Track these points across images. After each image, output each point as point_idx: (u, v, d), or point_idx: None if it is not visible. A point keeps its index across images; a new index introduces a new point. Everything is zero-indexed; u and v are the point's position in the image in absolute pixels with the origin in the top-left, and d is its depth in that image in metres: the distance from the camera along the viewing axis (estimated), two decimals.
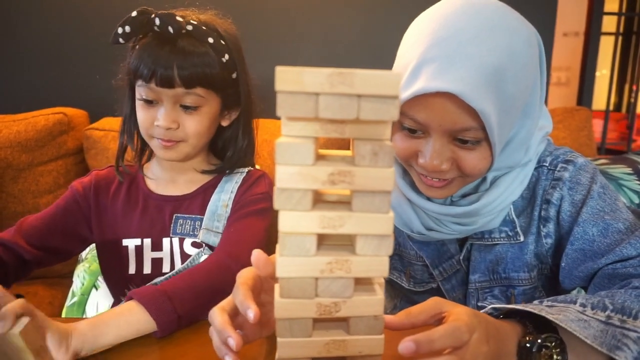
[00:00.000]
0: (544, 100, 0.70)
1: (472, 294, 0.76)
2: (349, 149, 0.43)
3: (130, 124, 0.86)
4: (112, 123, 1.39)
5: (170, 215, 0.86)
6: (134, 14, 0.76)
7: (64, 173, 1.39)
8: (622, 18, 2.05)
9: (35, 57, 1.56)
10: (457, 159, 0.64)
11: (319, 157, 0.39)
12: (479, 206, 0.68)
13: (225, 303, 0.51)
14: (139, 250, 0.86)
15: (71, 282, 1.23)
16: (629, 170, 1.30)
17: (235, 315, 0.50)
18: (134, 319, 0.62)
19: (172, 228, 0.86)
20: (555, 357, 0.50)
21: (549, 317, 0.51)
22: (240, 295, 0.47)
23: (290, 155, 0.37)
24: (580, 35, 2.02)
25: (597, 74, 1.90)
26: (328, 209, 0.39)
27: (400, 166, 0.73)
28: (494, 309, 0.55)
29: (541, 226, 0.72)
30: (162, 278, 0.80)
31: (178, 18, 0.77)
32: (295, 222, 0.38)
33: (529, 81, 0.64)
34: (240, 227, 0.81)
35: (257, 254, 0.48)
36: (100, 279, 1.18)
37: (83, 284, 1.20)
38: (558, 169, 0.71)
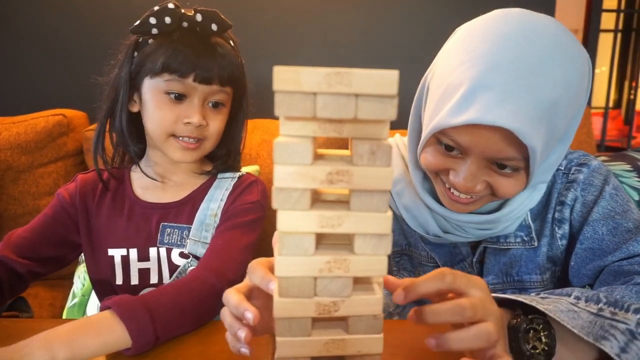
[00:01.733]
0: (577, 125, 0.67)
1: None
2: (348, 148, 0.42)
3: (124, 122, 0.82)
4: None
5: (157, 223, 0.83)
6: (171, 5, 0.76)
7: (64, 175, 1.39)
8: (621, 15, 2.05)
9: (34, 58, 1.56)
10: (492, 182, 0.62)
11: (317, 157, 0.39)
12: (500, 215, 0.69)
13: (241, 286, 0.51)
14: (125, 260, 0.83)
15: (72, 283, 1.23)
16: (628, 167, 1.30)
17: (248, 299, 0.49)
18: (111, 339, 0.57)
19: (158, 237, 0.83)
20: (543, 339, 0.50)
21: (539, 307, 0.51)
22: (261, 272, 0.46)
23: (289, 155, 0.37)
24: (579, 32, 2.01)
25: (597, 71, 1.90)
26: (326, 208, 0.39)
27: (421, 171, 0.72)
28: None
29: (556, 228, 0.72)
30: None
31: (222, 16, 0.78)
32: (293, 221, 0.38)
33: (576, 111, 0.62)
34: (227, 239, 0.78)
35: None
36: None
37: (83, 285, 1.20)
38: (572, 171, 0.72)
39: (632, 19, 3.20)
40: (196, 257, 0.81)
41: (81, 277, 1.21)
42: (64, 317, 1.20)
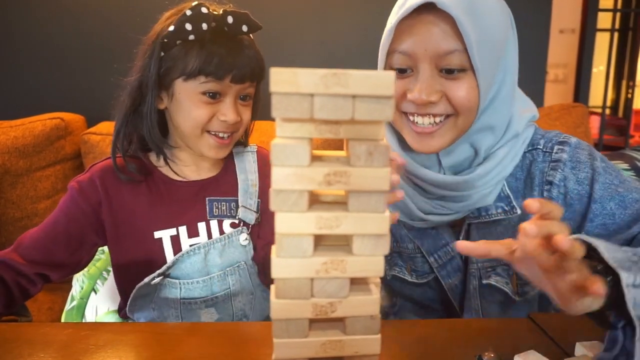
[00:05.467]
0: (517, 69, 0.73)
1: (474, 274, 0.77)
2: (343, 149, 0.43)
3: (154, 120, 0.81)
4: (110, 127, 1.38)
5: (202, 199, 0.86)
6: (204, 10, 0.76)
7: (62, 178, 1.39)
8: (618, 14, 2.06)
9: (32, 62, 1.56)
10: (446, 92, 0.67)
11: (315, 158, 0.40)
12: (475, 176, 0.71)
13: None
14: (176, 239, 0.84)
15: (70, 286, 1.23)
16: (626, 166, 1.30)
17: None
18: None
19: (208, 211, 0.86)
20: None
21: (593, 243, 0.49)
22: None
23: (286, 157, 0.37)
24: (577, 32, 2.02)
25: (594, 70, 1.90)
26: (324, 209, 0.39)
27: (395, 135, 0.77)
28: None
29: None
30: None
31: (252, 18, 0.80)
32: (291, 223, 0.38)
33: (501, 27, 0.68)
34: None
35: None
36: (100, 282, 1.18)
37: (82, 288, 1.20)
38: (555, 150, 0.74)
39: (629, 18, 3.21)
40: (245, 224, 0.86)
41: (80, 280, 1.21)
42: (62, 320, 1.19)
